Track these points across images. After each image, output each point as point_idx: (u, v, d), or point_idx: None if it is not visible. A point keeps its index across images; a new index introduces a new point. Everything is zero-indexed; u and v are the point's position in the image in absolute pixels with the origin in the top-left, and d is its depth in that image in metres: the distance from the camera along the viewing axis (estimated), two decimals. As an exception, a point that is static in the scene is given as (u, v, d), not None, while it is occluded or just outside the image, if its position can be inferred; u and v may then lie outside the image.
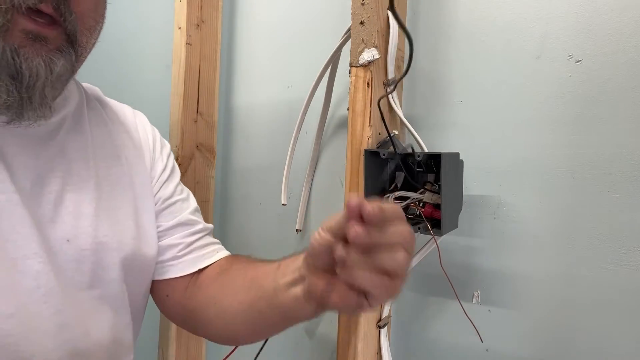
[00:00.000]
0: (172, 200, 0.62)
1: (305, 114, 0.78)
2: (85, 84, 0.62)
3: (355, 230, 0.36)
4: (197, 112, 0.91)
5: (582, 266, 0.57)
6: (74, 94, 0.56)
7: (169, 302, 0.61)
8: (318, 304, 0.45)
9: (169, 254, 0.60)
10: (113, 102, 0.64)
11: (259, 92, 0.91)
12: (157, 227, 0.60)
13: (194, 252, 0.61)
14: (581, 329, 0.58)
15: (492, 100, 0.64)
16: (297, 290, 0.47)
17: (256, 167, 0.92)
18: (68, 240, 0.49)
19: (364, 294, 0.39)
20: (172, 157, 0.67)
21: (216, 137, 0.95)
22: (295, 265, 0.48)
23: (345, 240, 0.38)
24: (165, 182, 0.63)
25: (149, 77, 1.10)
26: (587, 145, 0.57)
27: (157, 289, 0.61)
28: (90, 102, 0.59)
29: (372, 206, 0.36)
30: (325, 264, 0.42)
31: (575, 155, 0.58)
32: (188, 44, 0.88)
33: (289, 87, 0.86)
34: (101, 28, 0.53)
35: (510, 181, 0.62)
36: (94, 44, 0.52)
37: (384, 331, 0.65)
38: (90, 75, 0.63)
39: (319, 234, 0.41)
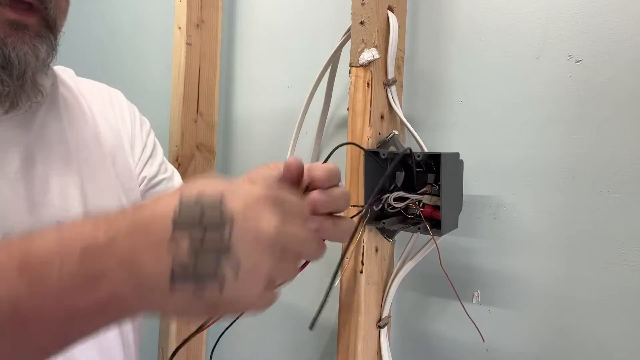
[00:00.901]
0: (157, 179, 0.63)
1: (305, 114, 0.78)
2: (57, 67, 0.60)
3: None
4: (197, 112, 0.91)
5: (582, 266, 0.57)
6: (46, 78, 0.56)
7: None
8: None
9: None
10: (88, 83, 0.63)
11: (259, 92, 0.91)
12: None
13: None
14: (581, 329, 0.58)
15: (492, 100, 0.64)
16: None
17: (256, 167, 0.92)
18: (59, 222, 0.49)
19: None
20: (152, 134, 0.66)
21: (216, 137, 0.95)
22: None
23: None
24: (147, 160, 0.63)
25: (149, 77, 1.10)
26: (587, 145, 0.57)
27: None
28: (63, 84, 0.58)
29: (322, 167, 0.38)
30: None
31: (575, 155, 0.58)
32: (188, 44, 0.88)
33: (289, 87, 0.86)
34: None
35: (510, 181, 0.62)
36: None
37: (384, 331, 0.65)
38: (90, 74, 0.63)
39: None
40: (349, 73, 0.62)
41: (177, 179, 0.66)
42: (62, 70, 0.60)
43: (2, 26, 0.44)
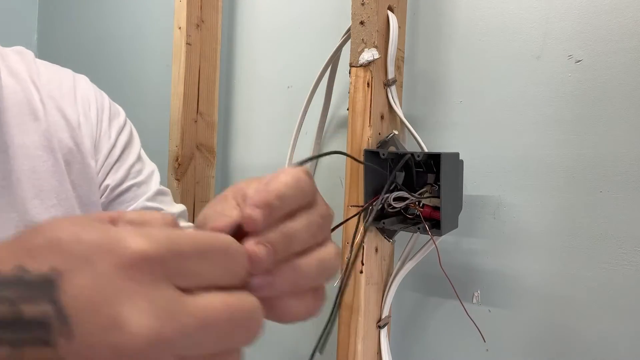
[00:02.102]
0: (124, 186, 0.52)
1: (305, 114, 0.78)
2: (14, 48, 0.50)
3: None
4: (197, 112, 0.91)
5: (582, 266, 0.57)
6: None
7: None
8: None
9: None
10: (48, 69, 0.51)
11: (259, 92, 0.91)
12: None
13: None
14: (581, 329, 0.57)
15: (492, 100, 0.64)
16: None
17: (256, 167, 0.92)
18: None
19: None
20: (126, 130, 0.54)
21: (216, 137, 0.95)
22: None
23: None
24: (114, 165, 0.52)
25: (149, 77, 1.10)
26: (587, 145, 0.57)
27: None
28: (11, 73, 0.47)
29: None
30: None
31: (575, 155, 0.58)
32: (188, 44, 0.88)
33: (289, 87, 0.86)
34: None
35: (510, 181, 0.62)
36: None
37: (384, 331, 0.65)
38: (90, 74, 0.63)
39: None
40: (349, 73, 0.62)
41: (154, 183, 0.55)
42: (18, 53, 0.49)
43: None
